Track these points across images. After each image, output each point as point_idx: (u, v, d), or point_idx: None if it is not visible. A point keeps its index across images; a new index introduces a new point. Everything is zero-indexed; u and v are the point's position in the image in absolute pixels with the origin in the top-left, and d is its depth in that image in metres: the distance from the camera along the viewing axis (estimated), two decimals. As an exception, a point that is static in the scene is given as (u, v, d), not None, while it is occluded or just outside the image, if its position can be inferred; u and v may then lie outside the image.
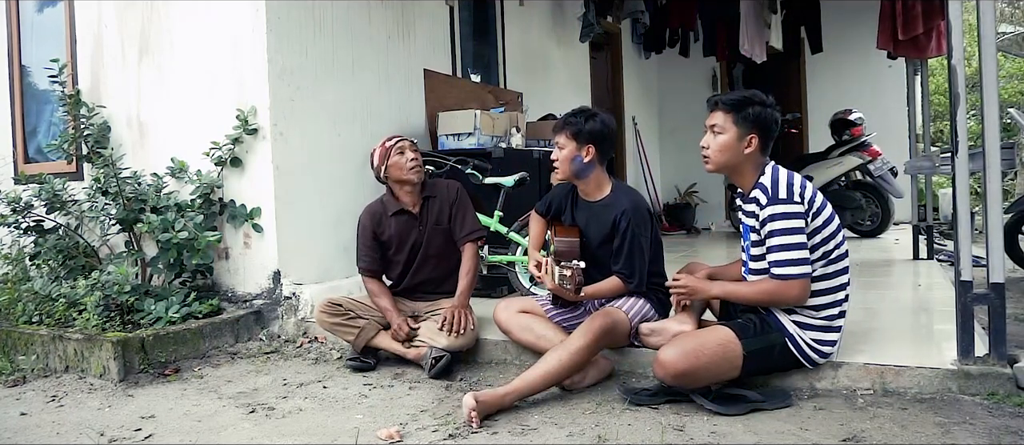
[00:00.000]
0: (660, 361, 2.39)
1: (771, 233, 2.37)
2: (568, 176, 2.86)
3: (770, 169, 2.47)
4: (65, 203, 3.99)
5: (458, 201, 3.26)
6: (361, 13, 4.31)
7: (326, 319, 3.16)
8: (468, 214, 3.26)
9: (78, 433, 2.51)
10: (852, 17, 7.97)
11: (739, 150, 2.46)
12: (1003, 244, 2.60)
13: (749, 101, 2.46)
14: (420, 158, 3.21)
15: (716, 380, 2.44)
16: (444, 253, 3.26)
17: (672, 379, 2.39)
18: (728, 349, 2.40)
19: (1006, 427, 2.10)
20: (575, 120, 2.81)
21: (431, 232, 3.24)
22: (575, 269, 2.57)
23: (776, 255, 2.36)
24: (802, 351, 2.45)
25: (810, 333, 2.45)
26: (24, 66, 4.78)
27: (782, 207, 2.35)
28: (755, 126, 2.45)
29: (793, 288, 2.35)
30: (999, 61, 4.31)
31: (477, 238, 3.24)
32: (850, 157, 6.26)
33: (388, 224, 3.24)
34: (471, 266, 3.19)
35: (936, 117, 11.24)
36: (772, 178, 2.43)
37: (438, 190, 3.28)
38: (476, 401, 2.32)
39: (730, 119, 2.47)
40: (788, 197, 2.36)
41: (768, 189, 2.40)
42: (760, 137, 2.46)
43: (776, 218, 2.35)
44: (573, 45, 7.00)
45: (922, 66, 5.56)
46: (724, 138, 2.48)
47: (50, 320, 3.58)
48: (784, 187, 2.39)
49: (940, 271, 4.72)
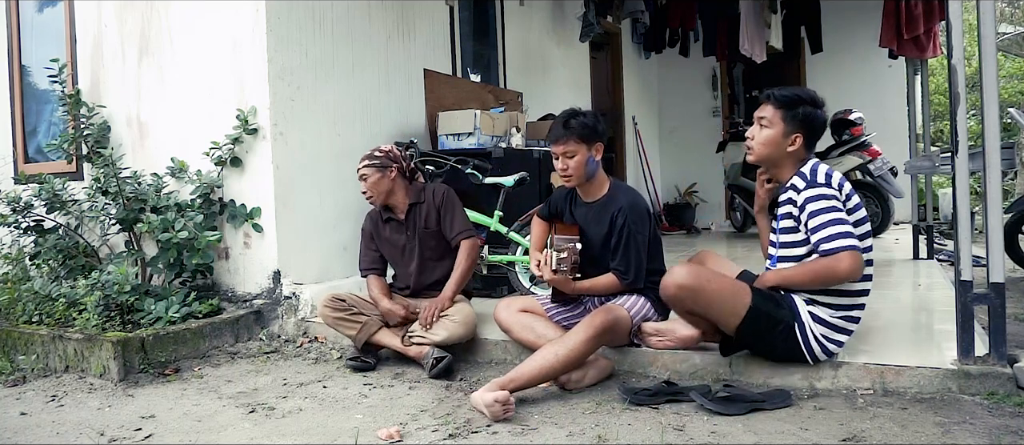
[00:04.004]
0: (671, 272, 2.44)
1: (813, 213, 2.37)
2: (582, 180, 2.83)
3: (812, 161, 2.51)
4: (65, 203, 3.99)
5: (445, 204, 3.27)
6: (361, 13, 4.31)
7: (330, 314, 3.16)
8: (456, 216, 3.26)
9: (78, 433, 2.51)
10: (852, 17, 7.97)
11: (783, 146, 2.50)
12: (1003, 244, 2.60)
13: (801, 100, 2.48)
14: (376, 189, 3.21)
15: (717, 315, 2.45)
16: (443, 255, 3.27)
17: (675, 289, 2.41)
18: (738, 292, 2.43)
19: (1006, 427, 2.10)
20: (578, 122, 2.78)
21: (421, 236, 3.26)
22: (571, 249, 2.58)
23: (821, 232, 2.35)
24: (807, 342, 2.45)
25: (821, 328, 2.46)
26: (24, 66, 4.78)
27: (820, 190, 2.38)
28: (803, 126, 2.47)
29: (842, 261, 2.31)
30: (999, 61, 4.31)
31: (469, 236, 3.24)
32: (850, 157, 6.26)
33: (383, 229, 3.33)
34: (463, 260, 3.20)
35: (936, 117, 11.24)
36: (812, 167, 2.47)
37: (426, 195, 3.30)
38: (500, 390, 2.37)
39: (779, 115, 2.49)
40: (826, 183, 2.40)
41: (807, 175, 2.44)
42: (806, 137, 2.49)
43: (816, 199, 2.37)
44: (573, 45, 6.99)
45: (922, 66, 5.57)
46: (770, 133, 2.50)
47: (50, 320, 3.58)
48: (822, 174, 2.42)
49: (940, 271, 4.72)
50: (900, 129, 7.28)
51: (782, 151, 2.50)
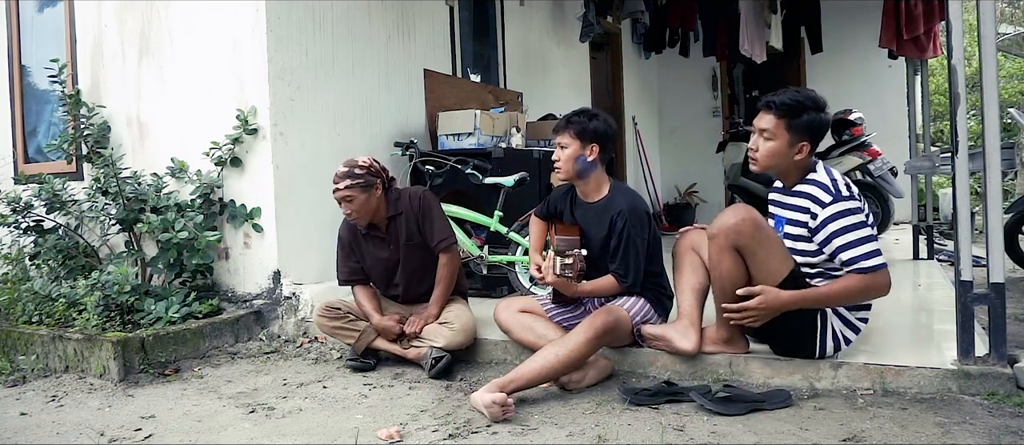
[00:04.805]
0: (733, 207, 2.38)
1: (843, 229, 2.31)
2: (570, 176, 2.85)
3: (822, 166, 2.45)
4: (65, 203, 3.99)
5: (422, 211, 3.12)
6: (361, 13, 4.31)
7: (326, 323, 3.14)
8: (435, 223, 3.12)
9: (78, 433, 2.51)
10: (852, 17, 7.97)
11: (789, 157, 2.42)
12: (1003, 244, 2.60)
13: (804, 107, 2.38)
14: (359, 208, 3.01)
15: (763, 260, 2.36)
16: (432, 263, 3.16)
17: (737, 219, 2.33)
18: (787, 253, 2.40)
19: (1006, 427, 2.10)
20: (579, 119, 2.82)
21: (405, 249, 3.14)
22: (577, 256, 2.59)
23: (855, 249, 2.29)
24: (824, 333, 2.46)
25: (840, 323, 2.48)
26: (24, 66, 4.78)
27: (848, 203, 2.33)
28: (808, 133, 2.39)
29: (882, 277, 2.29)
30: (999, 61, 4.31)
31: (448, 246, 3.12)
32: (850, 157, 6.25)
33: (363, 243, 3.19)
34: (444, 274, 3.12)
35: (936, 117, 11.24)
36: (830, 176, 2.40)
37: (403, 204, 3.13)
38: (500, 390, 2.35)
39: (781, 125, 2.39)
40: (851, 195, 2.35)
41: (829, 187, 2.36)
42: (812, 143, 2.42)
43: (846, 214, 2.31)
44: (573, 45, 6.99)
45: (922, 66, 5.57)
46: (774, 145, 2.41)
47: (50, 320, 3.58)
48: (844, 185, 2.37)
49: (940, 271, 4.72)
50: (900, 129, 7.28)
51: (789, 161, 2.43)
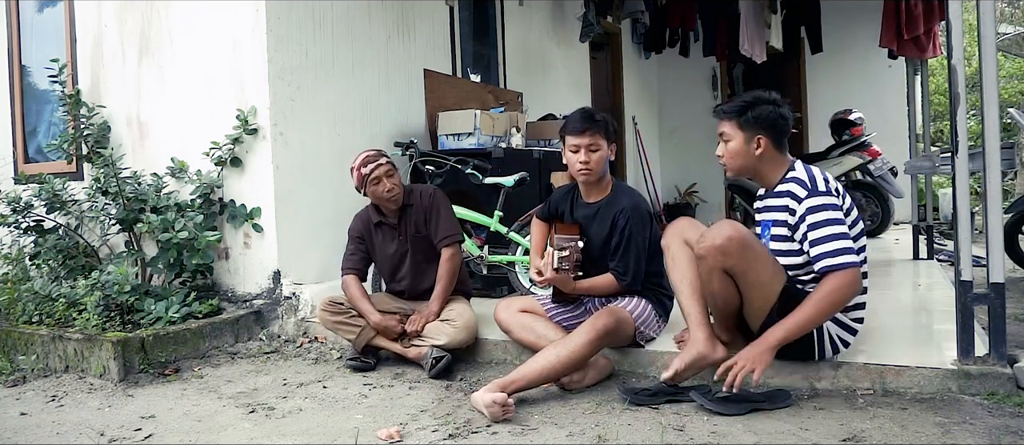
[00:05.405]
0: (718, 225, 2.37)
1: (816, 224, 2.32)
2: (598, 176, 2.81)
3: (801, 165, 2.49)
4: (65, 203, 3.99)
5: (433, 206, 3.22)
6: (361, 13, 4.31)
7: (328, 317, 3.16)
8: (442, 219, 3.21)
9: (78, 433, 2.51)
10: (852, 17, 7.97)
11: (750, 153, 2.49)
12: (1003, 244, 2.60)
13: (749, 105, 2.48)
14: (398, 182, 3.17)
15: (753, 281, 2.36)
16: (437, 260, 3.20)
17: (723, 240, 2.31)
18: (778, 268, 2.40)
19: (1006, 427, 2.10)
20: (602, 119, 2.80)
21: (413, 241, 3.23)
22: (573, 247, 2.58)
23: (822, 246, 2.30)
24: (821, 339, 2.46)
25: (837, 327, 2.48)
26: (24, 66, 4.78)
27: (823, 198, 2.35)
28: (761, 127, 2.46)
29: (848, 276, 2.28)
30: (999, 61, 4.32)
31: (452, 243, 3.19)
32: (850, 157, 6.26)
33: (374, 233, 3.28)
34: (445, 271, 3.15)
35: (936, 117, 11.24)
36: (808, 173, 2.43)
37: (415, 198, 3.25)
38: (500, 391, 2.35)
39: (734, 125, 2.50)
40: (827, 190, 2.37)
41: (806, 182, 2.40)
42: (770, 136, 2.46)
43: (819, 209, 2.33)
44: (573, 45, 6.99)
45: (922, 66, 5.57)
46: (733, 145, 2.51)
47: (50, 320, 3.58)
48: (821, 180, 2.40)
49: (940, 271, 4.72)
50: (900, 129, 7.28)
51: (751, 157, 2.49)
